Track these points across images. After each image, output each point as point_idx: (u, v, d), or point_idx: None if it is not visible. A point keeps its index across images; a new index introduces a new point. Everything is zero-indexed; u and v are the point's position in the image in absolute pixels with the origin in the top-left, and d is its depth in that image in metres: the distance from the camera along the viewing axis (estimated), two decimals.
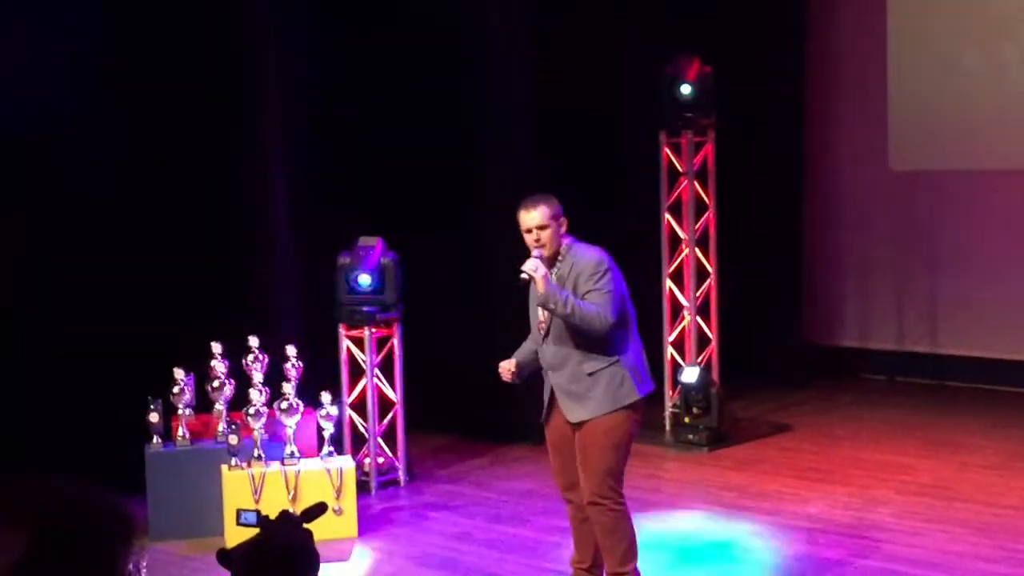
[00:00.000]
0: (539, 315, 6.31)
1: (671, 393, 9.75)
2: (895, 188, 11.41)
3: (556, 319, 6.18)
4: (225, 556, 3.40)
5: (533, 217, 6.21)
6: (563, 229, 6.29)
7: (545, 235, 6.19)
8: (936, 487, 8.38)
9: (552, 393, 6.34)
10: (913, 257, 11.32)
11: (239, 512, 6.87)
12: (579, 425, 6.19)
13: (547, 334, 6.28)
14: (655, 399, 9.56)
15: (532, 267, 6.08)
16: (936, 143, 11.14)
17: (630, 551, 6.26)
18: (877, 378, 11.59)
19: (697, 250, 9.82)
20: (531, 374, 6.51)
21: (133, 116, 8.66)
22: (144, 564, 3.43)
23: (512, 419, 9.49)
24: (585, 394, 6.17)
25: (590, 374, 6.16)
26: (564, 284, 6.16)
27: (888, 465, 8.91)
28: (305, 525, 3.50)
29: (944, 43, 11.05)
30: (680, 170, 9.79)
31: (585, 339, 6.14)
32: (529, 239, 6.24)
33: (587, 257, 6.25)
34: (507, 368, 6.43)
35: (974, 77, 10.91)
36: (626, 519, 6.25)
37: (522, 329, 7.10)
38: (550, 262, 6.22)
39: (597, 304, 6.06)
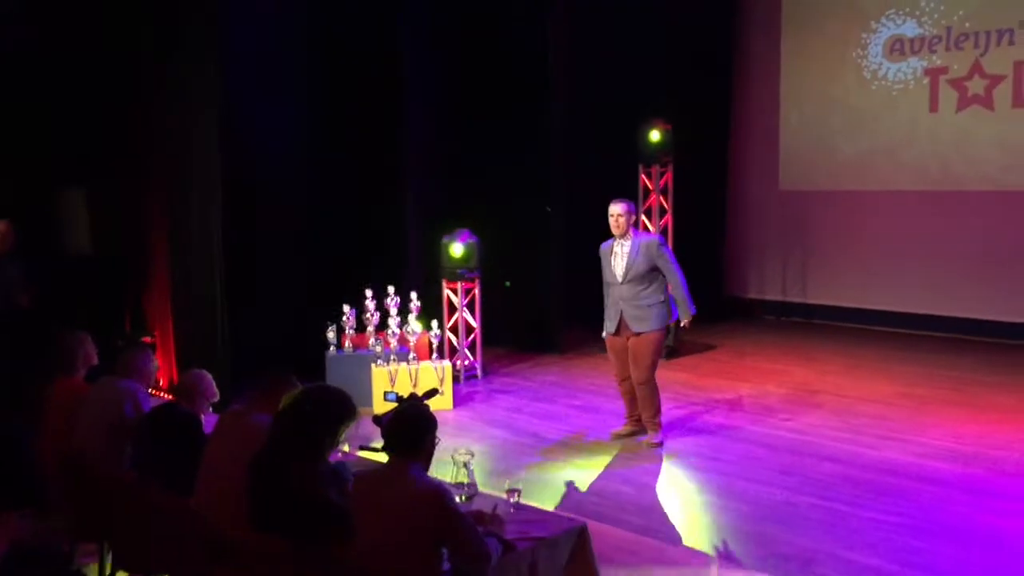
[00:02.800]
0: (618, 269, 6.46)
1: None
2: (783, 199, 11.37)
3: (634, 270, 6.38)
4: (378, 420, 3.57)
5: (618, 208, 6.45)
6: (632, 221, 6.51)
7: (622, 221, 6.42)
8: (804, 384, 8.37)
9: (621, 316, 6.49)
10: (793, 242, 11.28)
11: (385, 393, 7.07)
12: (637, 335, 6.45)
13: (625, 279, 6.44)
14: None
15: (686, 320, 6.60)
16: (808, 172, 11.14)
17: (659, 409, 6.66)
18: (769, 318, 11.51)
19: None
20: None
21: (326, 159, 8.73)
22: (353, 432, 3.62)
23: (545, 339, 9.65)
24: (646, 317, 6.43)
25: (649, 305, 6.44)
26: (637, 250, 6.40)
27: (774, 371, 8.89)
28: (425, 402, 3.70)
29: (818, 104, 11.03)
30: (651, 188, 9.85)
31: (647, 285, 6.42)
32: (611, 221, 6.45)
33: (646, 236, 6.61)
34: None
35: (837, 130, 10.89)
36: (657, 391, 6.62)
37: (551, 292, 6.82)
38: (622, 239, 6.46)
39: (674, 271, 6.47)
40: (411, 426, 3.34)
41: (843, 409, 7.54)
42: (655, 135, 9.58)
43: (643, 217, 9.81)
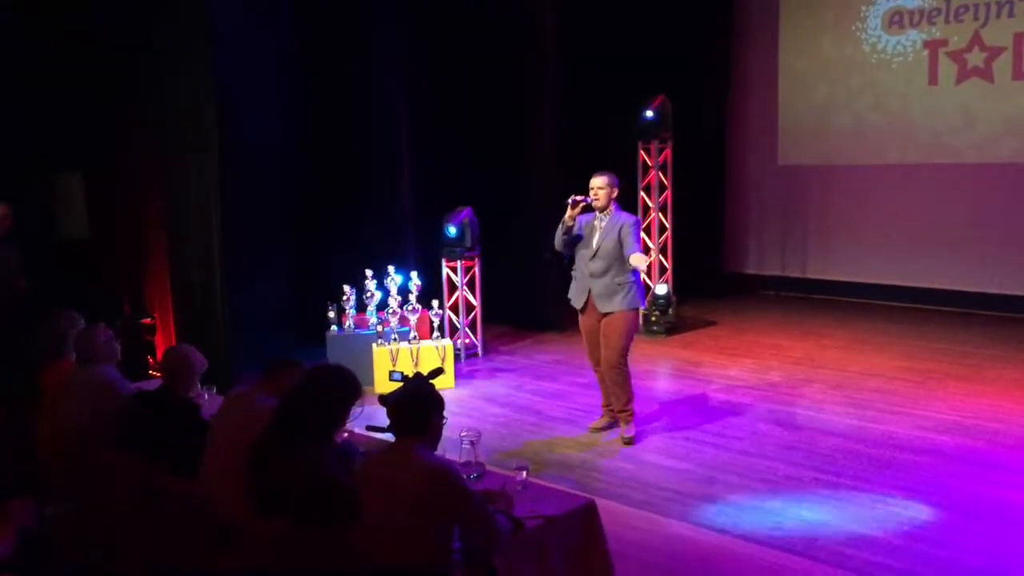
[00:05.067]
0: (593, 243, 6.13)
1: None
2: (782, 174, 11.33)
3: (604, 247, 6.06)
4: (384, 399, 3.55)
5: (599, 181, 6.15)
6: (614, 195, 6.19)
7: (603, 194, 6.12)
8: (805, 359, 8.37)
9: (589, 294, 6.20)
10: (792, 217, 11.25)
11: (390, 372, 7.05)
12: (607, 315, 6.13)
13: (596, 255, 6.12)
14: None
15: (571, 203, 6.02)
16: (807, 147, 11.10)
17: (631, 396, 6.30)
18: (769, 293, 11.49)
19: (660, 214, 9.81)
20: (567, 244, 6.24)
21: (325, 139, 8.64)
22: (358, 411, 3.59)
23: (544, 317, 9.62)
24: (613, 296, 6.11)
25: (618, 284, 6.11)
26: (615, 227, 6.06)
27: (775, 346, 8.89)
28: (430, 381, 3.67)
29: (817, 78, 10.98)
30: (650, 164, 9.80)
31: (618, 262, 6.06)
32: (591, 195, 6.13)
33: (625, 217, 6.18)
34: (572, 212, 6.11)
35: (836, 105, 10.85)
36: (629, 378, 6.26)
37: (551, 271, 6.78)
38: (601, 212, 6.13)
39: (635, 243, 6.01)
40: (419, 406, 3.31)
41: (845, 384, 7.54)
42: (653, 111, 9.50)
43: (642, 193, 9.77)
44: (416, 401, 3.33)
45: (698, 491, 5.50)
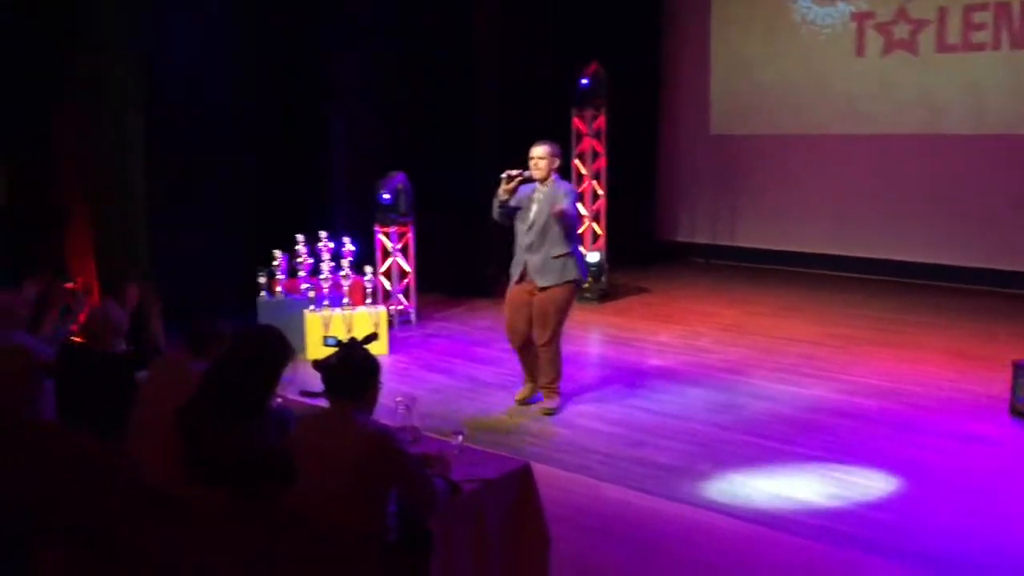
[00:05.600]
0: (531, 216, 5.97)
1: None
2: (714, 143, 11.45)
3: (540, 220, 5.91)
4: (318, 364, 3.49)
5: (539, 151, 5.97)
6: (555, 166, 6.01)
7: (543, 164, 5.94)
8: (734, 325, 8.52)
9: (525, 267, 6.04)
10: (723, 186, 11.38)
11: (325, 338, 7.00)
12: (544, 289, 5.98)
13: (531, 227, 5.97)
14: None
15: (506, 177, 5.88)
16: (738, 116, 11.24)
17: (559, 373, 6.26)
18: (699, 260, 11.62)
19: (594, 182, 9.83)
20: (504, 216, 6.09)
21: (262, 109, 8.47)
22: (291, 374, 3.54)
23: (478, 283, 9.61)
24: (550, 270, 5.97)
25: (555, 257, 5.96)
26: (552, 199, 5.89)
27: (705, 312, 9.01)
28: (364, 346, 3.62)
29: (748, 48, 11.09)
30: (583, 132, 9.80)
31: (554, 235, 5.91)
32: (531, 164, 5.97)
33: (565, 186, 6.04)
34: (507, 186, 5.93)
35: (766, 75, 10.97)
36: (560, 354, 6.21)
37: (489, 235, 6.81)
38: (541, 184, 5.96)
39: (571, 208, 5.88)
40: (355, 370, 3.28)
41: (772, 349, 7.70)
42: (588, 79, 9.49)
43: (576, 160, 9.78)
44: (352, 366, 3.30)
45: (631, 454, 5.58)
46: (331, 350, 3.55)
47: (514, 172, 5.94)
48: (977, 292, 9.50)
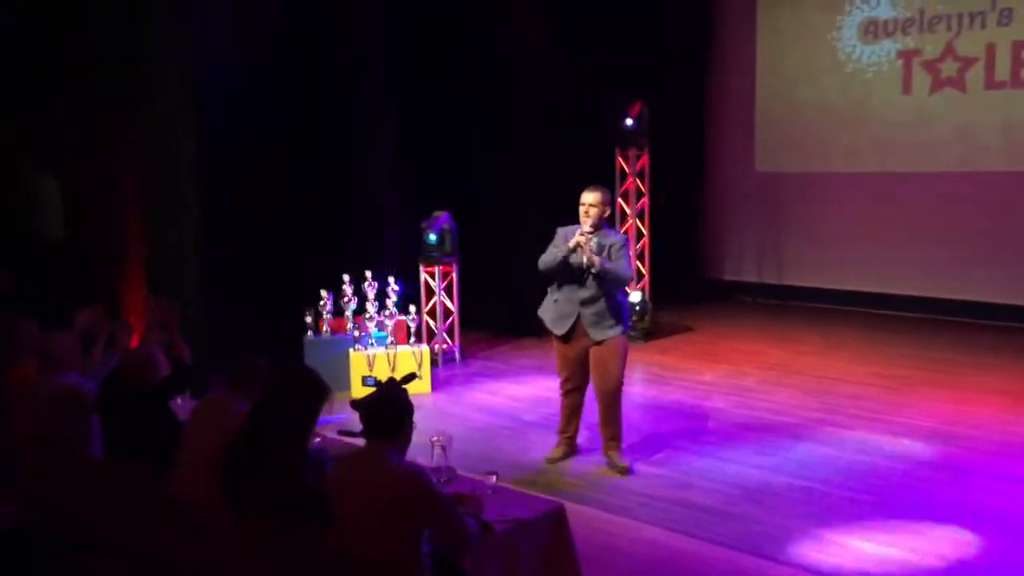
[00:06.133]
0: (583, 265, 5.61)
1: None
2: (759, 181, 11.40)
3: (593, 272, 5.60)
4: (356, 403, 3.55)
5: (591, 197, 5.65)
6: (606, 214, 5.74)
7: (594, 212, 5.62)
8: (780, 364, 8.42)
9: (579, 320, 5.69)
10: (769, 224, 11.30)
11: (364, 378, 7.08)
12: (601, 342, 5.69)
13: (586, 279, 5.64)
14: None
15: (584, 241, 5.51)
16: (784, 154, 11.18)
17: (622, 426, 5.98)
18: (746, 299, 11.54)
19: (637, 221, 9.84)
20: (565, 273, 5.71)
21: (303, 144, 8.58)
22: (328, 412, 3.58)
23: (523, 322, 9.58)
24: (607, 322, 5.67)
25: (611, 308, 5.67)
26: (603, 250, 5.58)
27: (751, 351, 8.92)
28: (403, 386, 3.66)
29: (793, 86, 11.06)
30: (627, 171, 9.83)
31: (608, 286, 5.64)
32: (581, 211, 5.64)
33: (617, 236, 5.77)
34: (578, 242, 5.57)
35: (812, 113, 10.92)
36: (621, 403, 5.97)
37: (532, 276, 6.72)
38: (593, 232, 5.60)
39: (624, 266, 5.64)
40: (389, 410, 3.33)
41: (819, 389, 7.59)
42: (633, 119, 9.53)
43: (620, 200, 9.79)
44: (386, 406, 3.35)
45: (672, 496, 5.51)
46: (370, 389, 3.61)
47: (587, 231, 5.60)
48: None
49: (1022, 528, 4.99)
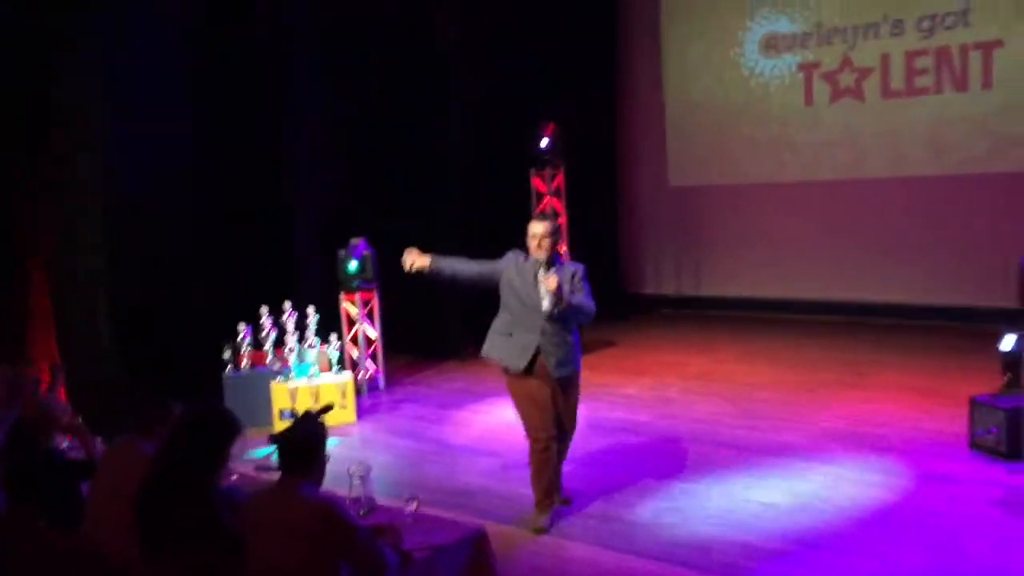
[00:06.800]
0: (547, 297, 5.07)
1: None
2: (673, 195, 11.59)
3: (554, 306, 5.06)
4: (273, 437, 3.51)
5: (542, 228, 5.12)
6: (558, 241, 5.28)
7: (547, 243, 5.10)
8: (702, 374, 8.54)
9: (538, 354, 5.12)
10: (685, 236, 11.50)
11: (281, 411, 6.99)
12: (563, 379, 5.22)
13: (546, 313, 5.10)
14: None
15: (546, 276, 4.99)
16: (695, 168, 11.39)
17: None
18: (666, 311, 11.66)
19: None
20: (441, 281, 5.49)
21: (215, 178, 8.39)
22: (239, 449, 3.53)
23: (446, 346, 9.61)
24: (569, 355, 5.22)
25: (571, 342, 5.23)
26: (564, 280, 5.06)
27: (673, 363, 9.01)
28: (320, 418, 3.62)
29: (701, 102, 11.27)
30: (543, 191, 9.90)
31: (569, 320, 5.17)
32: (533, 243, 5.13)
33: (574, 265, 5.29)
34: (412, 260, 5.26)
35: (720, 126, 11.15)
36: None
37: (452, 299, 6.35)
38: (546, 265, 5.09)
39: (588, 299, 5.16)
40: (300, 443, 3.28)
41: (739, 396, 7.72)
42: (548, 139, 9.63)
43: None
44: (298, 439, 3.30)
45: (598, 511, 5.52)
46: (289, 423, 3.56)
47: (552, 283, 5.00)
48: (932, 328, 9.62)
49: (935, 523, 5.12)
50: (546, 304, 5.08)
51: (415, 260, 5.27)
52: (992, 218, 9.41)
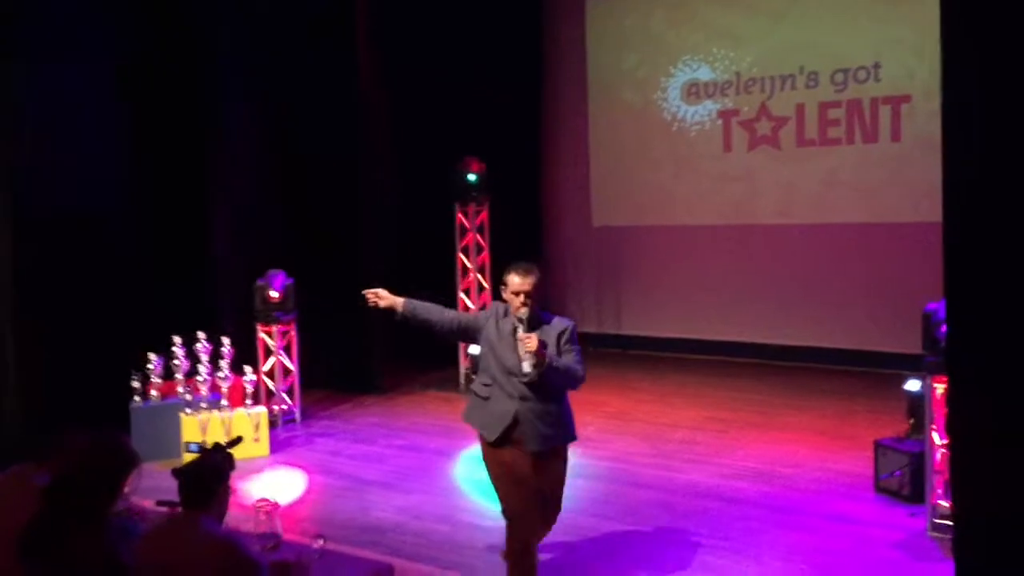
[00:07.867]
0: (527, 359, 4.48)
1: (464, 359, 9.78)
2: (596, 236, 11.70)
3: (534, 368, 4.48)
4: (176, 472, 3.39)
5: (526, 283, 4.59)
6: (543, 296, 4.75)
7: (531, 301, 4.58)
8: (620, 413, 8.55)
9: (516, 422, 4.56)
10: (606, 276, 11.60)
11: (187, 444, 6.83)
12: (546, 453, 4.62)
13: (525, 375, 4.52)
14: (451, 361, 9.80)
15: (527, 336, 4.45)
16: (618, 209, 11.54)
17: None
18: (588, 349, 11.50)
19: (478, 275, 9.90)
20: (412, 327, 4.91)
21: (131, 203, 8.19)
22: (136, 482, 3.39)
23: (364, 380, 9.49)
24: (555, 425, 4.65)
25: (559, 413, 4.68)
26: (551, 338, 4.58)
27: (591, 401, 8.82)
28: (228, 450, 3.51)
29: (624, 144, 11.44)
30: (467, 227, 9.92)
31: (556, 384, 4.63)
32: (516, 301, 4.61)
33: (563, 321, 4.74)
34: (376, 297, 4.85)
35: (643, 169, 11.33)
36: None
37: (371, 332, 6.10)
38: (529, 323, 4.56)
39: (576, 362, 4.62)
40: (200, 477, 3.19)
41: (655, 435, 7.76)
42: (471, 174, 9.66)
43: (460, 254, 9.82)
44: (197, 473, 3.20)
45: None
46: (194, 456, 3.44)
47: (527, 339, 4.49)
48: (842, 372, 9.82)
49: (838, 565, 5.20)
50: (526, 367, 4.47)
51: (383, 299, 4.82)
52: (901, 265, 9.70)
